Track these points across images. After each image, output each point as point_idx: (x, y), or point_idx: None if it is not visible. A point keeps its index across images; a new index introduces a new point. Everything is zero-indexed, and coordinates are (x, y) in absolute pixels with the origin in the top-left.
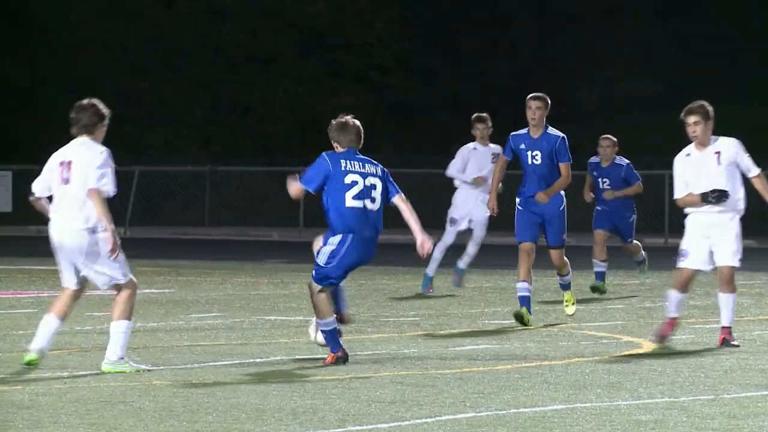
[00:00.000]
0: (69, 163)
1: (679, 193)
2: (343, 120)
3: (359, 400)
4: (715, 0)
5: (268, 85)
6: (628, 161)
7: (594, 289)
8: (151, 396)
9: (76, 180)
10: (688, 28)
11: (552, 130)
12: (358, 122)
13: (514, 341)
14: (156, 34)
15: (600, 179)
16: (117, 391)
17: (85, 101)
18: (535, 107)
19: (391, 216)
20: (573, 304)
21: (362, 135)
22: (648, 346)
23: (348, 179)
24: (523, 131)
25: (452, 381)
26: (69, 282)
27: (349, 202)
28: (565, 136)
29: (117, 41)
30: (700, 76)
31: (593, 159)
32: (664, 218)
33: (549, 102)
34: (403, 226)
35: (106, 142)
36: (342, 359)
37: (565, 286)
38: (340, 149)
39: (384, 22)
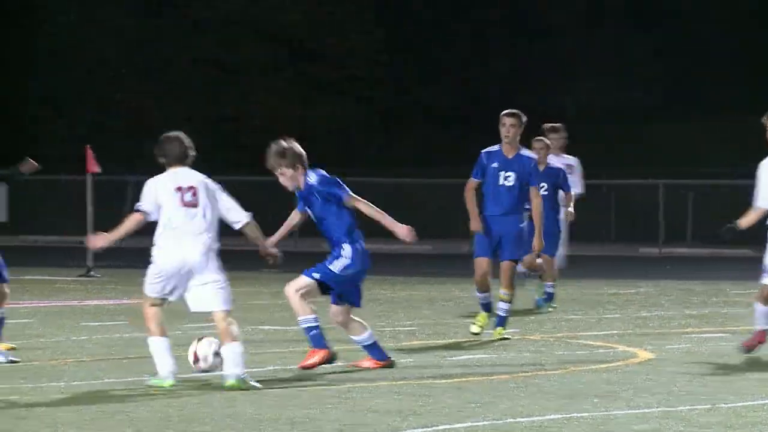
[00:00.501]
0: (191, 188)
1: (762, 202)
2: (291, 143)
3: (356, 410)
4: (694, 12)
5: (244, 97)
6: (561, 166)
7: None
8: (148, 405)
9: (203, 203)
10: (667, 39)
11: (525, 152)
12: None
13: (510, 351)
14: (136, 45)
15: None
16: (114, 400)
17: (172, 134)
18: (509, 124)
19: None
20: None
21: None
22: (644, 355)
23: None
24: (495, 148)
25: (449, 391)
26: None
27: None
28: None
29: (94, 53)
30: (679, 89)
31: None
32: (657, 228)
33: (524, 119)
34: (388, 235)
35: (100, 152)
36: (332, 358)
37: (501, 319)
38: (300, 172)
39: (361, 33)
